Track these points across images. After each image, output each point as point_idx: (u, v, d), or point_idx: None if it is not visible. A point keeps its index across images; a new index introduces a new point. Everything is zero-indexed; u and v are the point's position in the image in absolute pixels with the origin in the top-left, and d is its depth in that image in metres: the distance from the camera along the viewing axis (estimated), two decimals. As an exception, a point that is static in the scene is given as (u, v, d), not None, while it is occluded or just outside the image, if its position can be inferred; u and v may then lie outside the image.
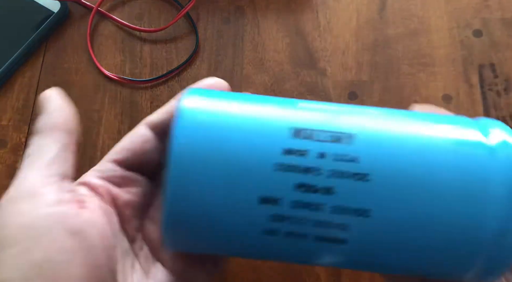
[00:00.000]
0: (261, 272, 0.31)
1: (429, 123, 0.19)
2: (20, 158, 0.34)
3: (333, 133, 0.19)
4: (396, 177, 0.18)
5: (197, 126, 0.19)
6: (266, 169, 0.18)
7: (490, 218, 0.18)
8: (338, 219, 0.18)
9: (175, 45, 0.37)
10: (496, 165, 0.18)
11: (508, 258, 0.18)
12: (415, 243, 0.18)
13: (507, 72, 0.35)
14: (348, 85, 0.36)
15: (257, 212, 0.18)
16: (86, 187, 0.21)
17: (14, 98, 0.36)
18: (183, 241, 0.20)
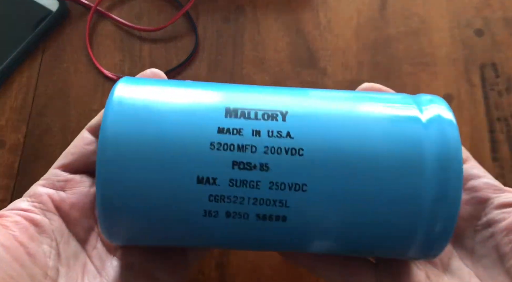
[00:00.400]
0: (261, 273, 0.31)
1: (365, 101, 0.20)
2: (18, 158, 0.34)
3: (266, 111, 0.19)
4: (329, 151, 0.18)
5: (127, 111, 0.19)
6: (201, 148, 0.18)
7: (425, 188, 0.18)
8: (276, 195, 0.18)
9: (175, 44, 0.37)
10: (428, 138, 0.18)
11: (447, 227, 0.18)
12: (353, 217, 0.18)
13: (508, 72, 0.35)
14: (349, 84, 0.36)
15: (195, 193, 0.18)
16: (29, 198, 0.22)
17: (12, 97, 0.36)
18: (122, 232, 0.20)
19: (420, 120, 0.19)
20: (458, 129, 0.19)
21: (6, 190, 0.33)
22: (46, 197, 0.22)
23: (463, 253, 0.22)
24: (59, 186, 0.23)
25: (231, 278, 0.31)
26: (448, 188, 0.18)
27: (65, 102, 0.35)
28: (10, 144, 0.34)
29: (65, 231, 0.22)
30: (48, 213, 0.22)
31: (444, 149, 0.18)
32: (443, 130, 0.19)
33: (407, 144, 0.18)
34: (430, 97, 0.21)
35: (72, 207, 0.23)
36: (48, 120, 0.35)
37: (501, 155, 0.33)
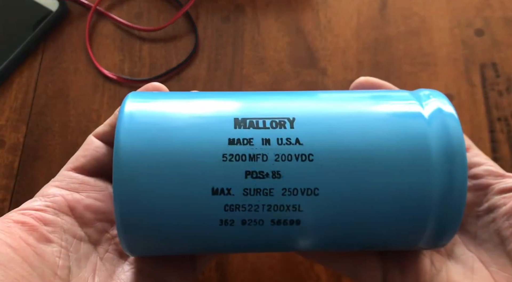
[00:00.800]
0: (261, 273, 0.31)
1: (368, 101, 0.20)
2: (17, 158, 0.34)
3: (274, 119, 0.19)
4: (338, 154, 0.19)
5: (139, 128, 0.19)
6: (214, 161, 0.18)
7: (433, 182, 0.18)
8: (289, 200, 0.19)
9: (175, 44, 0.37)
10: (432, 133, 0.19)
11: (455, 218, 0.19)
12: (365, 216, 0.19)
13: (509, 72, 0.35)
14: (349, 84, 0.35)
15: (211, 204, 0.19)
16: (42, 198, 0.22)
17: (12, 97, 0.36)
18: (142, 246, 0.20)
19: (423, 115, 0.19)
20: (459, 122, 0.19)
21: (6, 190, 0.33)
22: (60, 197, 0.22)
23: (466, 239, 0.23)
24: (73, 188, 0.23)
25: (231, 278, 0.31)
26: (454, 180, 0.18)
27: (65, 102, 0.35)
28: (10, 144, 0.34)
29: (78, 231, 0.22)
30: (60, 213, 0.22)
31: (449, 143, 0.19)
32: (445, 124, 0.19)
33: (413, 140, 0.19)
34: (428, 91, 0.21)
35: (86, 209, 0.23)
36: (48, 120, 0.35)
37: (501, 155, 0.33)
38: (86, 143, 0.24)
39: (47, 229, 0.21)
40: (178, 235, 0.20)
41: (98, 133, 0.24)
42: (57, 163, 0.34)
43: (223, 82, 0.36)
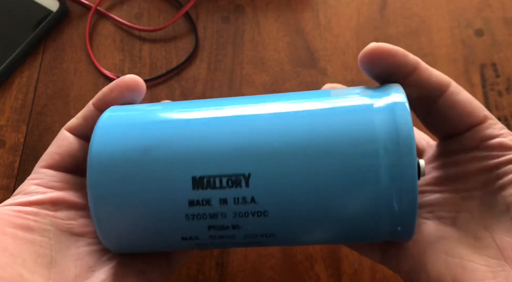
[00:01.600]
0: (261, 273, 0.31)
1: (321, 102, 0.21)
2: (18, 158, 0.34)
3: (230, 177, 0.20)
4: (292, 207, 0.20)
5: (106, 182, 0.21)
6: (179, 219, 0.21)
7: (380, 168, 0.19)
8: (252, 240, 0.21)
9: (175, 44, 0.37)
10: (380, 121, 0.19)
11: (409, 203, 0.19)
12: (323, 233, 0.21)
13: (508, 72, 0.35)
14: (349, 84, 0.36)
15: (182, 245, 0.22)
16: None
17: (12, 98, 0.36)
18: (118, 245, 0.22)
19: (372, 106, 0.20)
20: (409, 111, 0.20)
21: (6, 190, 0.33)
22: (42, 195, 0.22)
23: (471, 205, 0.23)
24: (54, 186, 0.23)
25: (231, 278, 0.31)
26: (402, 167, 0.19)
27: (65, 102, 0.35)
28: (10, 144, 0.34)
29: (60, 223, 0.22)
30: (43, 210, 0.22)
31: (395, 129, 0.19)
32: (393, 112, 0.20)
33: (359, 130, 0.19)
34: (388, 86, 0.21)
35: (69, 207, 0.23)
36: (48, 120, 0.35)
37: (501, 155, 0.33)
38: (59, 138, 0.24)
39: (29, 218, 0.21)
40: (150, 239, 0.22)
41: (71, 127, 0.24)
42: (57, 163, 0.34)
43: (223, 82, 0.36)
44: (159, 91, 0.36)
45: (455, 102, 0.23)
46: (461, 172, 0.23)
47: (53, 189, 0.23)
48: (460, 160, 0.23)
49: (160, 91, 0.36)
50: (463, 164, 0.23)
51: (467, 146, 0.23)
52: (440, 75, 0.23)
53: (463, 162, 0.23)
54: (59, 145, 0.24)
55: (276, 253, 0.31)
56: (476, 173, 0.23)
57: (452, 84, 0.23)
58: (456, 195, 0.23)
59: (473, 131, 0.23)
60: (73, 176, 0.24)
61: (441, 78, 0.23)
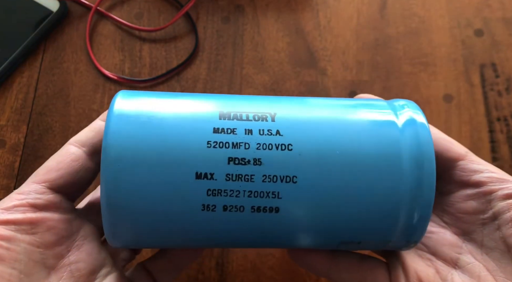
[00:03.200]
0: (261, 273, 0.31)
1: (346, 106, 0.22)
2: (18, 158, 0.34)
3: (257, 113, 0.21)
4: (315, 146, 0.20)
5: (128, 116, 0.20)
6: (198, 146, 0.20)
7: (403, 183, 0.20)
8: (269, 187, 0.20)
9: (175, 44, 0.37)
10: (404, 140, 0.21)
11: (423, 215, 0.20)
12: (340, 208, 0.20)
13: (508, 72, 0.35)
14: (349, 84, 0.36)
15: (194, 188, 0.19)
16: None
17: (13, 98, 0.36)
18: (125, 232, 0.21)
19: (396, 124, 0.21)
20: (429, 131, 0.21)
21: (6, 190, 0.33)
22: (22, 214, 0.21)
23: (472, 247, 0.23)
24: (38, 204, 0.21)
25: (231, 278, 0.31)
26: (423, 182, 0.20)
27: (65, 102, 0.36)
28: (10, 144, 0.34)
29: (34, 253, 0.21)
30: (20, 230, 0.20)
31: (418, 149, 0.20)
32: (416, 132, 0.21)
33: (386, 145, 0.20)
34: (404, 102, 0.23)
35: (48, 229, 0.21)
36: (48, 120, 0.35)
37: (501, 155, 0.33)
38: (62, 153, 0.22)
39: (1, 245, 0.20)
40: (161, 220, 0.20)
41: (81, 141, 0.23)
42: (58, 163, 0.34)
43: (223, 82, 0.36)
44: (159, 91, 0.36)
45: (435, 139, 0.24)
46: (459, 211, 0.23)
47: (36, 208, 0.21)
48: (456, 200, 0.24)
49: (160, 91, 0.36)
50: (459, 203, 0.23)
51: (457, 184, 0.24)
52: None
53: (458, 201, 0.24)
54: (60, 160, 0.22)
55: (276, 252, 0.31)
56: (473, 213, 0.23)
57: (432, 127, 0.24)
58: (457, 236, 0.23)
59: (458, 168, 0.23)
60: (63, 199, 0.22)
61: None
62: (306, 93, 0.35)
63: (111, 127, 0.20)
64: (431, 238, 0.24)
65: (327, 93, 0.35)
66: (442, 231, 0.24)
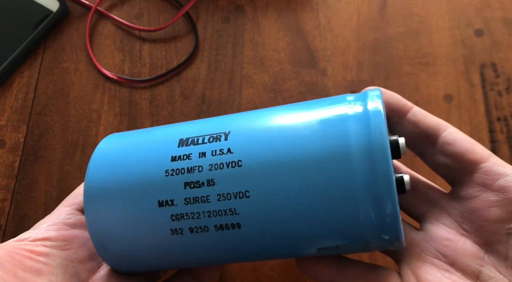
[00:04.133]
0: (261, 273, 0.31)
1: (297, 110, 0.22)
2: (18, 158, 0.34)
3: (212, 135, 0.22)
4: (265, 157, 0.20)
5: (104, 160, 0.23)
6: (158, 176, 0.21)
7: (355, 175, 0.19)
8: (225, 205, 0.20)
9: (175, 44, 0.37)
10: (354, 129, 0.20)
11: (389, 209, 0.19)
12: (299, 214, 0.20)
13: (508, 72, 0.35)
14: (349, 84, 0.36)
15: (158, 215, 0.21)
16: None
17: (12, 98, 0.36)
18: (116, 260, 0.23)
19: (348, 114, 0.20)
20: (383, 118, 0.20)
21: (6, 190, 0.33)
22: (56, 232, 0.23)
23: (495, 259, 0.21)
24: (70, 223, 0.24)
25: (231, 278, 0.31)
26: (377, 174, 0.19)
27: (65, 102, 0.36)
28: (10, 144, 0.34)
29: (69, 268, 0.22)
30: (56, 247, 0.22)
31: (369, 137, 0.19)
32: (367, 122, 0.20)
33: (333, 144, 0.20)
34: (366, 92, 0.22)
35: (80, 246, 0.23)
36: (48, 120, 0.35)
37: (501, 155, 0.33)
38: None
39: (39, 260, 0.21)
40: (140, 248, 0.22)
41: None
42: (58, 163, 0.34)
43: (223, 82, 0.36)
44: (159, 91, 0.36)
45: (455, 139, 0.23)
46: (481, 219, 0.22)
47: (68, 226, 0.24)
48: (477, 206, 0.22)
49: (160, 91, 0.36)
50: (482, 210, 0.22)
51: (479, 189, 0.22)
52: (437, 119, 0.24)
53: (481, 208, 0.22)
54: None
55: (276, 253, 0.31)
56: (497, 221, 0.21)
57: (451, 127, 0.23)
58: (479, 246, 0.22)
59: (480, 170, 0.22)
60: None
61: (438, 120, 0.23)
62: (306, 93, 0.35)
63: (89, 170, 0.22)
64: (449, 246, 0.22)
65: (327, 93, 0.35)
66: (461, 239, 0.22)
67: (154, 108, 0.35)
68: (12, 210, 0.33)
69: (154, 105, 0.35)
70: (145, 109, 0.35)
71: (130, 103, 0.35)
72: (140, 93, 0.36)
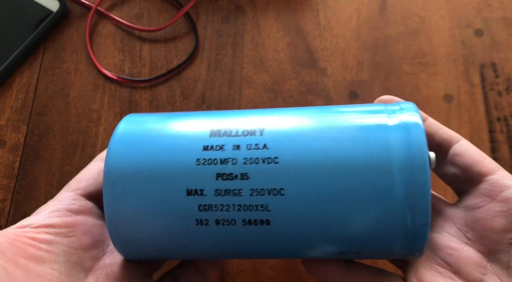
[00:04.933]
0: (261, 273, 0.31)
1: (335, 113, 0.22)
2: (18, 158, 0.34)
3: (246, 129, 0.21)
4: (302, 157, 0.20)
5: (128, 140, 0.22)
6: (188, 165, 0.21)
7: (395, 186, 0.19)
8: (257, 200, 0.20)
9: (175, 44, 0.37)
10: (395, 141, 0.20)
11: (422, 221, 0.20)
12: (331, 217, 0.20)
13: (508, 72, 0.35)
14: (349, 84, 0.36)
15: (186, 204, 0.21)
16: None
17: (12, 98, 0.36)
18: (129, 246, 0.22)
19: (387, 128, 0.21)
20: (423, 132, 0.20)
21: (6, 190, 0.33)
22: (59, 218, 0.22)
23: (498, 269, 0.21)
24: (73, 209, 0.23)
25: (231, 277, 0.31)
26: (415, 187, 0.19)
27: (65, 102, 0.36)
28: (10, 144, 0.34)
29: (73, 255, 0.22)
30: (58, 233, 0.22)
31: (409, 152, 0.20)
32: (408, 134, 0.20)
33: (374, 151, 0.20)
34: (401, 105, 0.22)
35: (84, 233, 0.23)
36: (48, 120, 0.35)
37: (501, 155, 0.33)
38: (89, 167, 0.25)
39: (42, 248, 0.21)
40: (160, 235, 0.21)
41: (104, 157, 0.25)
42: (58, 163, 0.34)
43: (223, 82, 0.36)
44: (159, 91, 0.36)
45: (465, 151, 0.23)
46: (485, 228, 0.22)
47: (71, 212, 0.23)
48: (482, 215, 0.22)
49: (160, 91, 0.36)
50: (486, 220, 0.22)
51: (485, 199, 0.22)
52: (450, 131, 0.24)
53: (485, 217, 0.22)
54: (89, 172, 0.24)
55: (276, 253, 0.31)
56: (501, 231, 0.22)
57: (463, 139, 0.24)
58: (482, 254, 0.22)
59: (487, 182, 0.22)
60: (95, 206, 0.24)
61: (451, 132, 0.24)
62: (306, 93, 0.35)
63: (111, 151, 0.21)
64: (453, 255, 0.22)
65: (327, 93, 0.35)
66: (465, 248, 0.22)
67: (154, 108, 0.35)
68: (12, 210, 0.33)
69: (154, 105, 0.35)
70: (145, 109, 0.35)
71: (130, 103, 0.35)
72: (140, 93, 0.36)
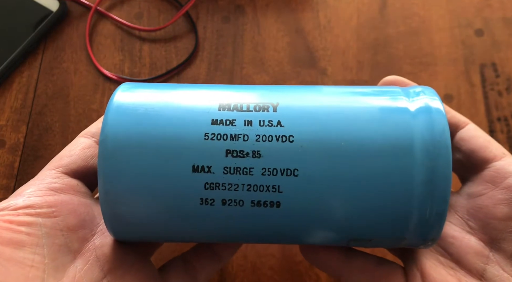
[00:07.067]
0: (261, 273, 0.31)
1: (353, 93, 0.21)
2: (18, 158, 0.34)
3: (258, 104, 0.20)
4: (318, 137, 0.19)
5: (125, 109, 0.20)
6: (196, 139, 0.19)
7: (415, 172, 0.18)
8: (269, 180, 0.19)
9: (175, 44, 0.37)
10: (417, 126, 0.19)
11: (439, 210, 0.19)
12: (345, 201, 0.19)
13: (508, 72, 0.35)
14: (349, 84, 0.36)
15: (191, 181, 0.19)
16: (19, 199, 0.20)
17: (12, 98, 0.36)
18: (124, 225, 0.20)
19: (409, 110, 0.20)
20: (446, 118, 0.19)
21: (6, 190, 0.33)
22: (40, 198, 0.20)
23: (500, 258, 0.21)
24: (56, 188, 0.21)
25: (231, 278, 0.31)
26: (437, 173, 0.18)
27: (65, 102, 0.35)
28: (10, 144, 0.34)
29: (58, 237, 0.20)
30: (41, 214, 0.20)
31: (432, 137, 0.19)
32: (431, 119, 0.19)
33: (396, 133, 0.19)
34: (420, 88, 0.21)
35: (69, 212, 0.21)
36: (48, 120, 0.35)
37: (501, 155, 0.33)
38: (73, 143, 0.23)
39: (20, 230, 0.19)
40: (160, 214, 0.20)
41: (91, 132, 0.23)
42: (58, 163, 0.34)
43: (223, 82, 0.36)
44: (159, 91, 0.36)
45: (471, 136, 0.22)
46: (488, 216, 0.22)
47: (54, 191, 0.21)
48: (484, 203, 0.22)
49: (160, 91, 0.36)
50: (488, 208, 0.21)
51: (488, 186, 0.22)
52: (458, 115, 0.23)
53: (488, 205, 0.22)
54: (71, 148, 0.22)
55: (276, 253, 0.31)
56: (503, 219, 0.21)
57: (471, 123, 0.23)
58: (484, 243, 0.22)
59: (491, 168, 0.22)
60: (80, 183, 0.22)
61: (459, 116, 0.23)
62: (306, 93, 0.35)
63: (109, 119, 0.19)
64: (454, 244, 0.22)
65: (327, 93, 0.35)
66: (466, 237, 0.22)
67: (154, 108, 0.35)
68: (12, 210, 0.33)
69: (154, 105, 0.35)
70: (145, 109, 0.35)
71: (130, 103, 0.35)
72: (140, 93, 0.36)
